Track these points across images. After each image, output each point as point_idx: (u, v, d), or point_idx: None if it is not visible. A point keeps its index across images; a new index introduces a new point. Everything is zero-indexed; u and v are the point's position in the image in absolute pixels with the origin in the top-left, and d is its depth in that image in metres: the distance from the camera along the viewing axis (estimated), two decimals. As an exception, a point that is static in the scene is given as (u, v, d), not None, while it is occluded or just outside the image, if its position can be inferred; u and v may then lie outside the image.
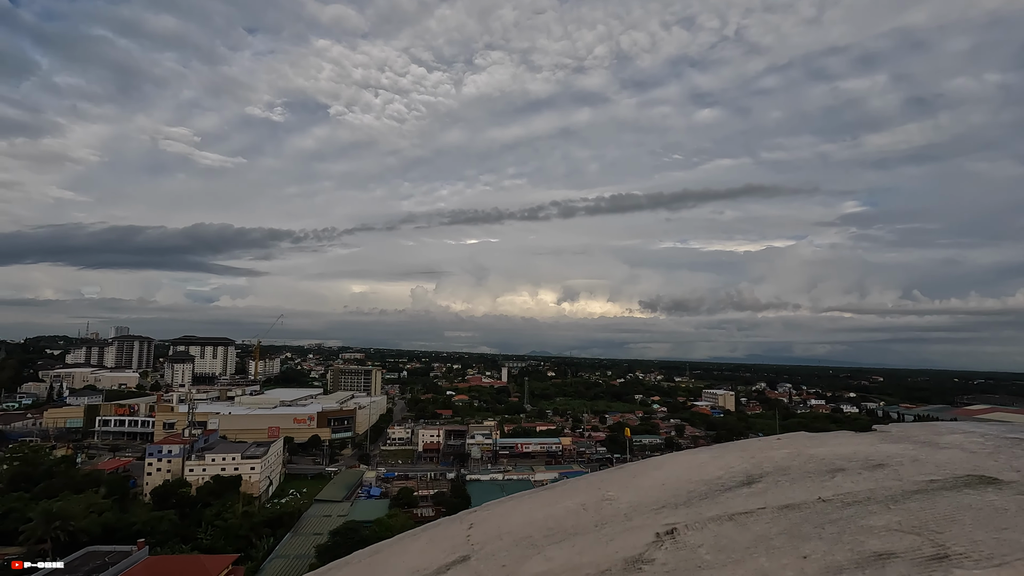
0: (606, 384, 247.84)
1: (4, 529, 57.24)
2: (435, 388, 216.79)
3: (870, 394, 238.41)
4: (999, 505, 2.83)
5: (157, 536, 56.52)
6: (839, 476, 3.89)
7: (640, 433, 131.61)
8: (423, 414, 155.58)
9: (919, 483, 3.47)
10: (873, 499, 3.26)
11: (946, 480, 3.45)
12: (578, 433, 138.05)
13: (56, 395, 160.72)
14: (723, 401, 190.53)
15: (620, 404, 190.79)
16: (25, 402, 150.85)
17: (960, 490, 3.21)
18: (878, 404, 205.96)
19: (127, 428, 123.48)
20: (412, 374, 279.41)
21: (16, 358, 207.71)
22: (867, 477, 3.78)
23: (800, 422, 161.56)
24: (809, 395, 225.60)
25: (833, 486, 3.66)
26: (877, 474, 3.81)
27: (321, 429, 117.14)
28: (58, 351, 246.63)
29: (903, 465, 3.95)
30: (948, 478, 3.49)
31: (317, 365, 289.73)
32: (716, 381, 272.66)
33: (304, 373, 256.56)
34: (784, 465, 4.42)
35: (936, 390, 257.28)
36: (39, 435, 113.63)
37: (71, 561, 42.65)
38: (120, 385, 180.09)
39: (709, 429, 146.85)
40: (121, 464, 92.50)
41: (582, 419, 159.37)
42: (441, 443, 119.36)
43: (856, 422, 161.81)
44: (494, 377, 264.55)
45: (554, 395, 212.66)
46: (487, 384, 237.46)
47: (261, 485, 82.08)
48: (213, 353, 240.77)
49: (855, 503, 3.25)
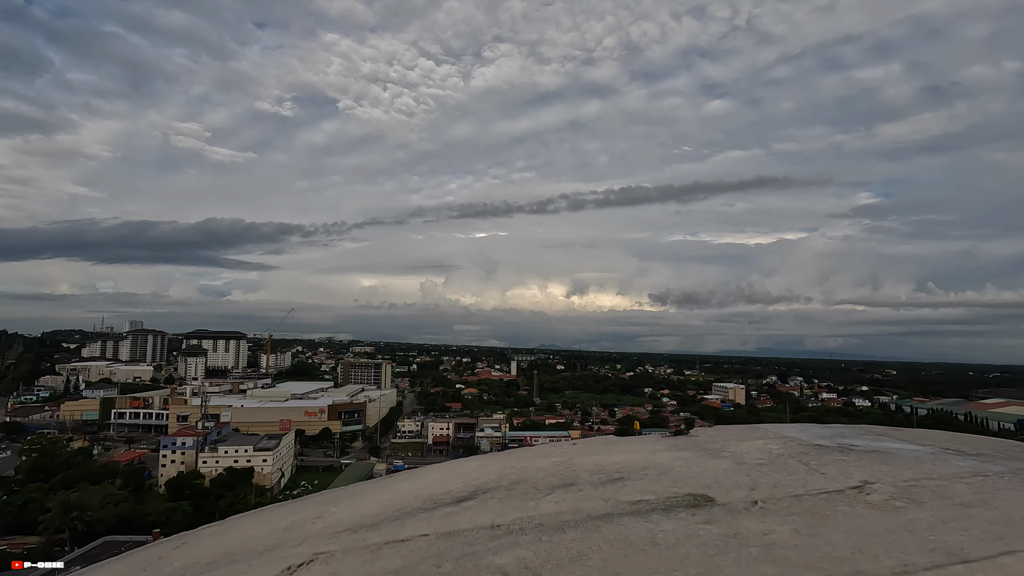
0: (615, 377, 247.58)
1: (23, 519, 58.51)
2: (445, 381, 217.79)
3: (883, 387, 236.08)
4: (663, 537, 2.58)
5: (172, 526, 57.37)
6: (556, 493, 3.74)
7: (650, 427, 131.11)
8: (433, 407, 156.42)
9: (624, 504, 3.27)
10: (543, 526, 3.01)
11: (656, 501, 3.25)
12: (587, 426, 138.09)
13: (73, 388, 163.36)
14: (733, 394, 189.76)
15: (630, 397, 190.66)
16: (43, 395, 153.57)
17: (647, 515, 2.94)
18: (891, 398, 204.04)
19: (142, 420, 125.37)
20: (422, 367, 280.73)
21: (34, 352, 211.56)
22: (581, 496, 3.60)
23: (811, 415, 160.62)
24: (821, 388, 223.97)
25: (529, 508, 3.49)
26: (598, 492, 3.64)
27: (332, 422, 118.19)
28: (74, 345, 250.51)
29: (639, 480, 3.80)
30: (662, 499, 3.29)
31: (328, 359, 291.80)
32: (726, 374, 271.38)
33: (315, 366, 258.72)
34: (523, 479, 4.31)
35: (950, 383, 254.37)
36: (56, 427, 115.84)
37: (88, 551, 43.54)
38: (135, 378, 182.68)
39: (719, 422, 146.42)
40: (136, 456, 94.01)
41: (591, 412, 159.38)
42: (451, 436, 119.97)
43: (868, 415, 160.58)
44: (503, 370, 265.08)
45: (563, 388, 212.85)
46: (496, 377, 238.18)
47: (273, 477, 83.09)
48: (225, 347, 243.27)
49: (511, 532, 3.01)
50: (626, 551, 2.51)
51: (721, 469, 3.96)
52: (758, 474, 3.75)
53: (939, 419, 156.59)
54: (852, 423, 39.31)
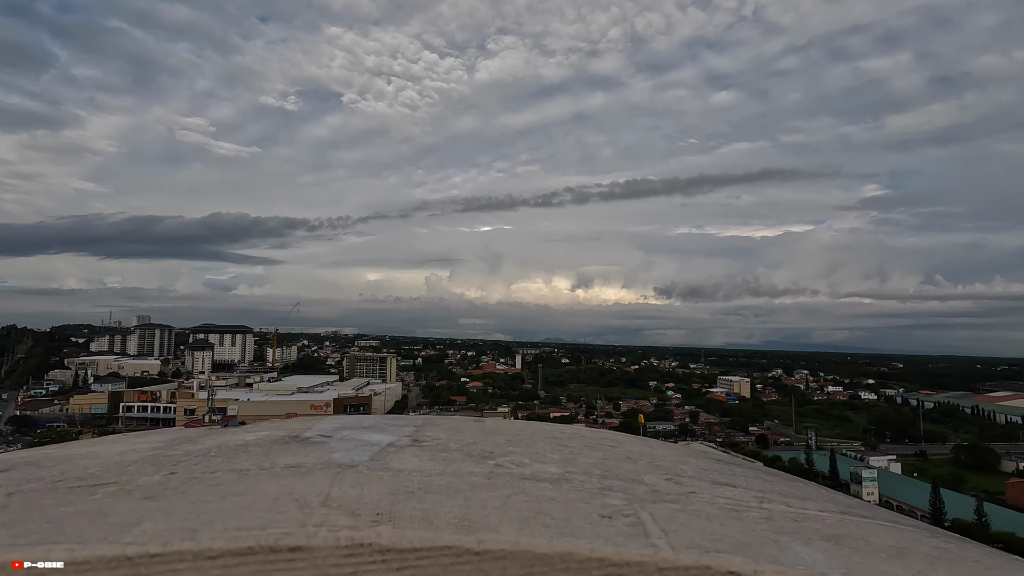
0: (620, 371, 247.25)
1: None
2: (450, 375, 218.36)
3: (889, 381, 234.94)
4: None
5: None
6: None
7: (654, 420, 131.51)
8: (438, 400, 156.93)
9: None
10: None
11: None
12: (592, 420, 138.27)
13: (81, 382, 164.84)
14: (739, 388, 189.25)
15: (634, 391, 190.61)
16: (52, 389, 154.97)
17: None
18: (897, 391, 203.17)
19: (149, 414, 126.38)
20: (427, 361, 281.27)
21: (43, 346, 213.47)
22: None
23: (816, 409, 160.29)
24: (827, 382, 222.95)
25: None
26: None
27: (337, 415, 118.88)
28: (82, 339, 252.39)
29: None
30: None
31: (333, 352, 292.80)
32: (732, 368, 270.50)
33: (321, 360, 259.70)
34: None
35: (958, 376, 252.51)
36: (65, 421, 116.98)
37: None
38: (142, 372, 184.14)
39: (724, 416, 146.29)
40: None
41: (596, 405, 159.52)
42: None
43: (874, 408, 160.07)
44: (508, 364, 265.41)
45: (568, 382, 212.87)
46: (501, 371, 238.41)
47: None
48: (232, 341, 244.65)
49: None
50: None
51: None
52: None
53: (946, 412, 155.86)
54: (857, 416, 39.35)
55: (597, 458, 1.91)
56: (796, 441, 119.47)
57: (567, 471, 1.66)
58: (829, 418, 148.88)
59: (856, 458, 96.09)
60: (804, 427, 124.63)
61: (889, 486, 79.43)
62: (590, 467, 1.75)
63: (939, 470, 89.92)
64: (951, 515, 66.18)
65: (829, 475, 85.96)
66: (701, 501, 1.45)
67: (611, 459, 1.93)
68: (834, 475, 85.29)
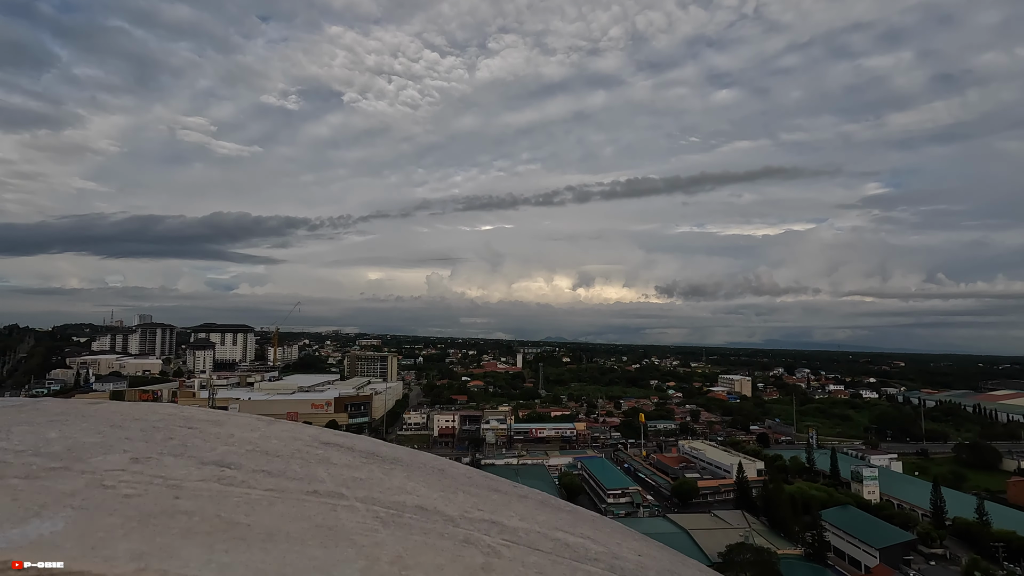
0: (621, 370, 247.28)
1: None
2: (451, 374, 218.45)
3: (891, 379, 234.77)
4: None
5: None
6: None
7: (655, 419, 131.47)
8: (439, 399, 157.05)
9: None
10: None
11: None
12: (593, 418, 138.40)
13: (83, 381, 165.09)
14: (740, 387, 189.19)
15: (635, 390, 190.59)
16: (54, 388, 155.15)
17: None
18: (899, 390, 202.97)
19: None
20: (428, 360, 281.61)
21: (44, 346, 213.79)
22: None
23: (818, 407, 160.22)
24: (828, 380, 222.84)
25: None
26: None
27: (338, 414, 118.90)
28: (84, 339, 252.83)
29: None
30: None
31: (334, 351, 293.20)
32: (733, 367, 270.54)
33: (322, 359, 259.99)
34: None
35: (960, 375, 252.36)
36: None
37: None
38: (144, 371, 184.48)
39: (725, 415, 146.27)
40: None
41: (597, 404, 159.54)
42: (456, 428, 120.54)
43: (875, 407, 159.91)
44: (509, 363, 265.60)
45: (569, 381, 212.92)
46: (502, 370, 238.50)
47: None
48: (233, 340, 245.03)
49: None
50: None
51: None
52: None
53: (947, 411, 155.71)
54: (858, 414, 39.44)
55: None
56: (797, 440, 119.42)
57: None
58: (830, 417, 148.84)
59: (857, 457, 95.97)
60: (805, 426, 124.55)
61: (890, 485, 79.34)
62: None
63: (940, 469, 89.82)
64: (952, 514, 66.12)
65: (830, 474, 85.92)
66: None
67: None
68: (835, 474, 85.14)
